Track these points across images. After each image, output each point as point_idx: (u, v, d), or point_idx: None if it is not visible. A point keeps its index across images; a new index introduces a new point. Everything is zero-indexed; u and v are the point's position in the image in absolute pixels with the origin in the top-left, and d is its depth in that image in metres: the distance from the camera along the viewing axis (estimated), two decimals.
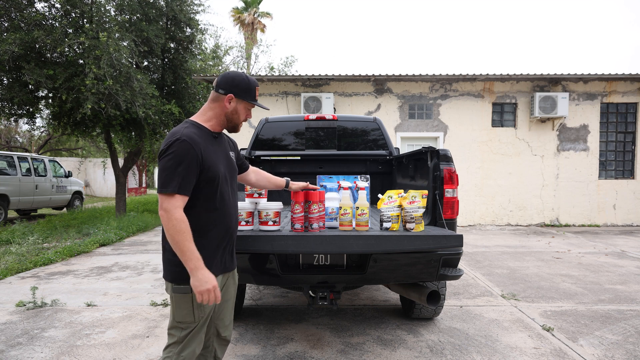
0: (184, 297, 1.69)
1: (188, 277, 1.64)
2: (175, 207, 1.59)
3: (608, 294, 4.29)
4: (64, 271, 5.34)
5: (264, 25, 23.38)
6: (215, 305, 1.89)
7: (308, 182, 2.42)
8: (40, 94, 8.96)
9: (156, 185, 28.83)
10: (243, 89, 1.78)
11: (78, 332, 3.26)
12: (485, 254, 6.42)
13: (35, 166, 11.04)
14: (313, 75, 9.54)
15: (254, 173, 2.26)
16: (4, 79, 8.36)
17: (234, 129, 1.87)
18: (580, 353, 2.89)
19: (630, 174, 9.94)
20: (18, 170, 10.35)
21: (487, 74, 9.29)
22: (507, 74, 9.27)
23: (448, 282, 4.60)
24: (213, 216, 1.75)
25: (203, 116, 1.81)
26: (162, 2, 9.34)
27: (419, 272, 2.49)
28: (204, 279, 1.61)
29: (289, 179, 2.37)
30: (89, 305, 3.92)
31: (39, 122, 14.02)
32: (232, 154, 1.97)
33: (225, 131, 1.92)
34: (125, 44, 8.29)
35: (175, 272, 1.69)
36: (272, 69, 19.25)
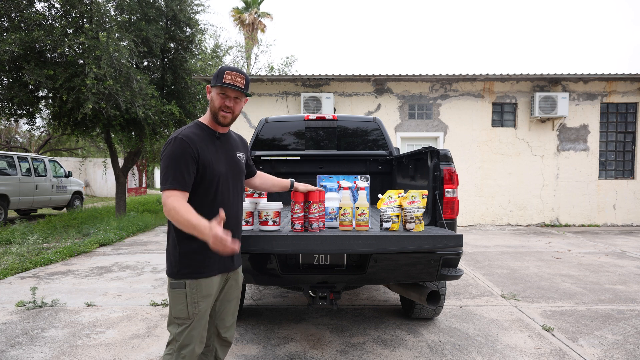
0: (179, 293, 1.76)
1: (182, 273, 1.74)
2: (167, 197, 1.67)
3: (608, 294, 4.29)
4: (64, 271, 5.34)
5: (265, 26, 23.38)
6: (215, 303, 1.90)
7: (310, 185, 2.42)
8: (40, 94, 8.95)
9: (157, 185, 28.90)
10: (215, 76, 1.82)
11: (78, 332, 3.27)
12: (485, 254, 6.42)
13: (35, 166, 11.04)
14: (313, 75, 9.54)
15: (259, 177, 2.30)
16: (4, 79, 8.35)
17: (216, 118, 1.84)
18: (580, 353, 2.89)
19: (630, 174, 9.94)
20: (18, 170, 10.35)
21: (487, 74, 9.29)
22: (507, 74, 9.27)
23: (448, 282, 4.60)
24: (209, 215, 1.74)
25: (205, 115, 1.91)
26: (162, 2, 9.34)
27: (419, 272, 2.49)
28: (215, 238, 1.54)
29: (293, 180, 2.36)
30: (89, 305, 3.92)
31: (39, 122, 14.01)
32: (241, 155, 1.99)
33: (234, 129, 1.93)
34: (125, 44, 8.29)
35: (171, 268, 1.78)
36: (272, 69, 19.22)
